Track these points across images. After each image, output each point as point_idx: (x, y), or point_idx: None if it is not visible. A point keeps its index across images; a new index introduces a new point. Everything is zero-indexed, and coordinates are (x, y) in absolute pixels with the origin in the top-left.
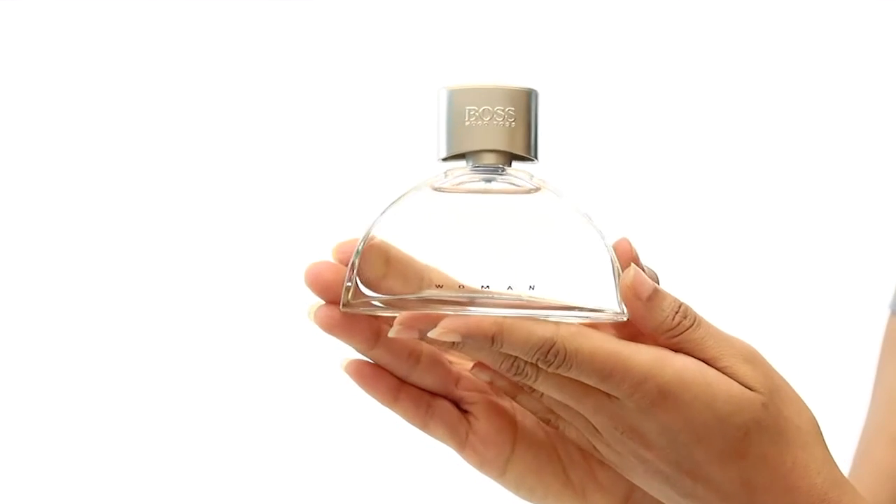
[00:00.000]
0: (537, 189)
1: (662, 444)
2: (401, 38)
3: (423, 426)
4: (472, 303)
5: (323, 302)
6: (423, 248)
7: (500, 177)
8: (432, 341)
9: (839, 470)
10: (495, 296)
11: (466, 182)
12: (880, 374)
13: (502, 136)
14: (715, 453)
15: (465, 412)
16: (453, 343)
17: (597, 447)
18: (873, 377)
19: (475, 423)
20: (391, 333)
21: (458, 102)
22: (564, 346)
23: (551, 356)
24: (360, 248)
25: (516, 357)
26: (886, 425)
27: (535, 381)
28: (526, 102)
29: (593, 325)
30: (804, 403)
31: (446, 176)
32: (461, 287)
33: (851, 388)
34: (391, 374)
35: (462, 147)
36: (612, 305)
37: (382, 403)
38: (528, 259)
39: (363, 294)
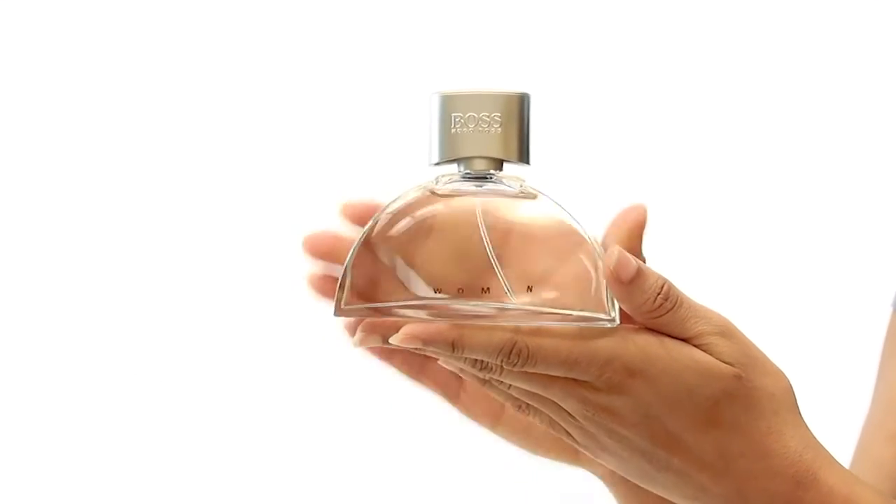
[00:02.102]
0: (527, 195)
1: (636, 418)
2: (397, 40)
3: (417, 378)
4: (455, 311)
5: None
6: (416, 252)
7: (490, 183)
8: (396, 346)
9: (813, 435)
10: (490, 302)
11: (457, 187)
12: (882, 370)
13: (487, 143)
14: (688, 423)
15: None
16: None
17: (569, 432)
18: (875, 374)
19: (466, 381)
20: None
21: (445, 109)
22: (526, 344)
23: (514, 356)
24: (353, 252)
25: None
26: (885, 423)
27: (501, 375)
28: (514, 107)
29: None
30: (780, 373)
31: (437, 182)
32: (460, 291)
33: (853, 386)
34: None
35: (450, 154)
36: (602, 312)
37: (378, 359)
38: (520, 264)
39: (356, 299)
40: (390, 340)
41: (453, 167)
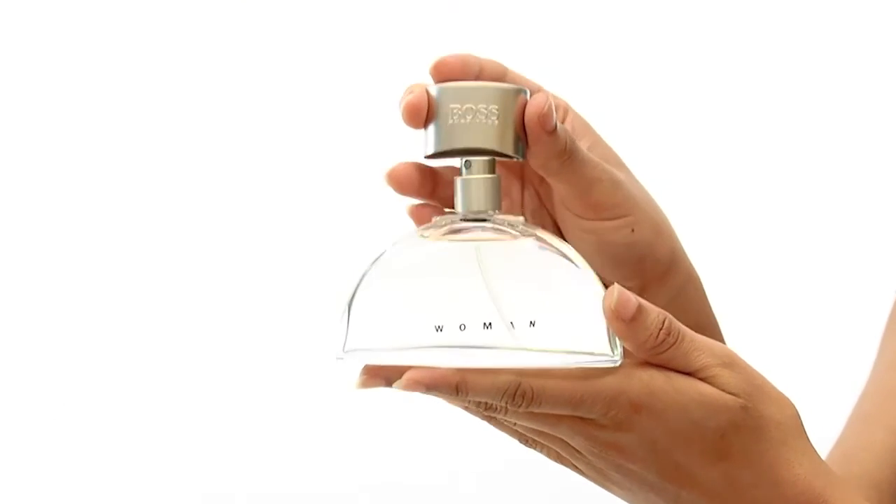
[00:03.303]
0: (525, 235)
1: (643, 454)
2: (397, 40)
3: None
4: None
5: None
6: (416, 293)
7: (488, 223)
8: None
9: (822, 460)
10: (492, 339)
11: (455, 229)
12: (882, 353)
13: (484, 135)
14: (695, 456)
15: None
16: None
17: (577, 465)
18: (874, 357)
19: None
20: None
21: (443, 101)
22: (531, 386)
23: (518, 398)
24: (351, 300)
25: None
26: (886, 410)
27: (507, 415)
28: (512, 101)
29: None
30: (786, 399)
31: (435, 224)
32: (462, 327)
33: (854, 387)
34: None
35: (445, 145)
36: (605, 350)
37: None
38: (522, 305)
39: (356, 344)
40: (394, 386)
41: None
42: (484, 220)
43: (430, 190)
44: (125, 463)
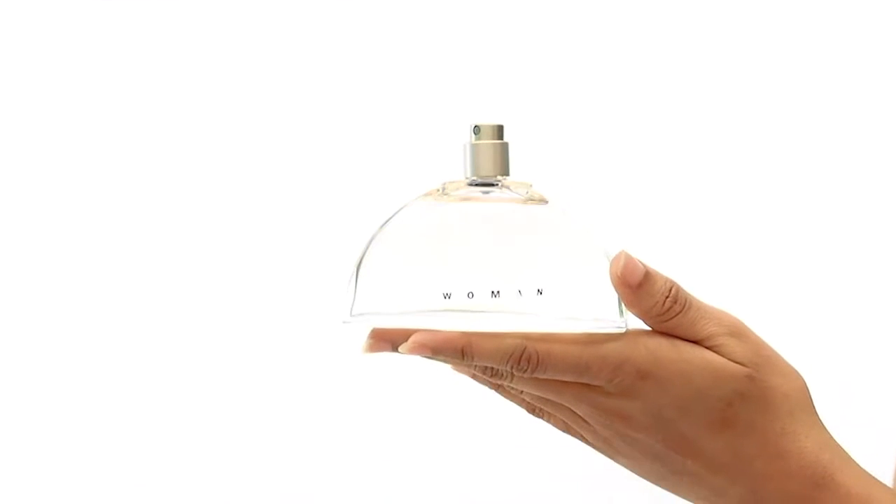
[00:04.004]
0: (536, 200)
1: (648, 422)
2: (397, 43)
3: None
4: (465, 315)
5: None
6: (425, 257)
7: (496, 189)
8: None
9: (830, 435)
10: (499, 306)
11: (465, 194)
12: None
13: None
14: (700, 425)
15: None
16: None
17: (584, 435)
18: None
19: None
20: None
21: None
22: (536, 350)
23: (524, 363)
24: (359, 263)
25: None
26: None
27: (513, 381)
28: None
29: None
30: (795, 372)
31: (444, 189)
32: (470, 295)
33: (855, 387)
34: None
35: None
36: (612, 317)
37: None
38: (530, 270)
39: (363, 308)
40: (399, 349)
41: (459, 175)
42: (492, 185)
43: None
44: (125, 463)
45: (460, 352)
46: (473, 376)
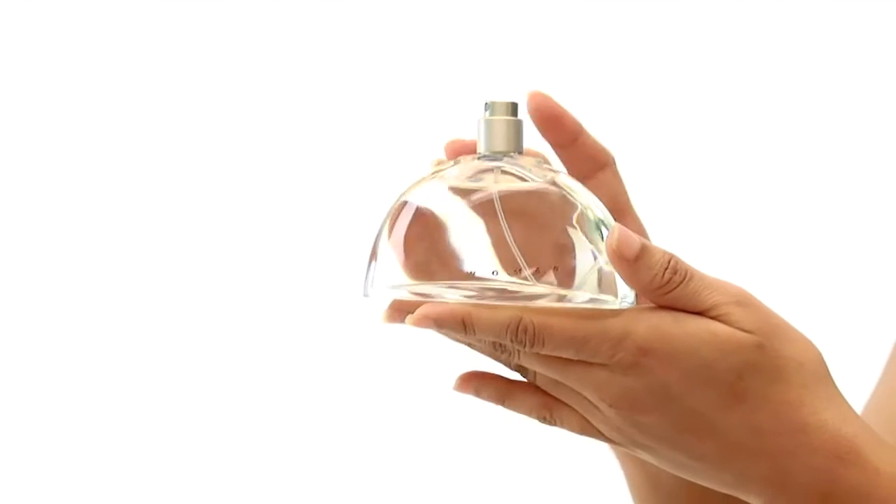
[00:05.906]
0: (545, 179)
1: (654, 402)
2: (398, 41)
3: (502, 404)
4: (482, 291)
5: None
6: (438, 238)
7: (505, 164)
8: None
9: (851, 407)
10: (509, 285)
11: (474, 173)
12: (886, 374)
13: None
14: (710, 400)
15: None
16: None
17: (598, 427)
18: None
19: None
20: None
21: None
22: (532, 321)
23: (521, 334)
24: (377, 239)
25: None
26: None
27: (519, 358)
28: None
29: None
30: (808, 341)
31: (454, 164)
32: (494, 273)
33: (858, 387)
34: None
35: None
36: (615, 293)
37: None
38: (532, 247)
39: (384, 282)
40: (405, 322)
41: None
42: (503, 158)
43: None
44: (126, 463)
45: (461, 323)
46: (492, 354)
